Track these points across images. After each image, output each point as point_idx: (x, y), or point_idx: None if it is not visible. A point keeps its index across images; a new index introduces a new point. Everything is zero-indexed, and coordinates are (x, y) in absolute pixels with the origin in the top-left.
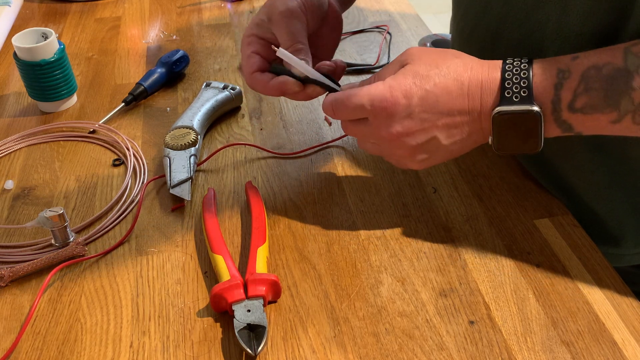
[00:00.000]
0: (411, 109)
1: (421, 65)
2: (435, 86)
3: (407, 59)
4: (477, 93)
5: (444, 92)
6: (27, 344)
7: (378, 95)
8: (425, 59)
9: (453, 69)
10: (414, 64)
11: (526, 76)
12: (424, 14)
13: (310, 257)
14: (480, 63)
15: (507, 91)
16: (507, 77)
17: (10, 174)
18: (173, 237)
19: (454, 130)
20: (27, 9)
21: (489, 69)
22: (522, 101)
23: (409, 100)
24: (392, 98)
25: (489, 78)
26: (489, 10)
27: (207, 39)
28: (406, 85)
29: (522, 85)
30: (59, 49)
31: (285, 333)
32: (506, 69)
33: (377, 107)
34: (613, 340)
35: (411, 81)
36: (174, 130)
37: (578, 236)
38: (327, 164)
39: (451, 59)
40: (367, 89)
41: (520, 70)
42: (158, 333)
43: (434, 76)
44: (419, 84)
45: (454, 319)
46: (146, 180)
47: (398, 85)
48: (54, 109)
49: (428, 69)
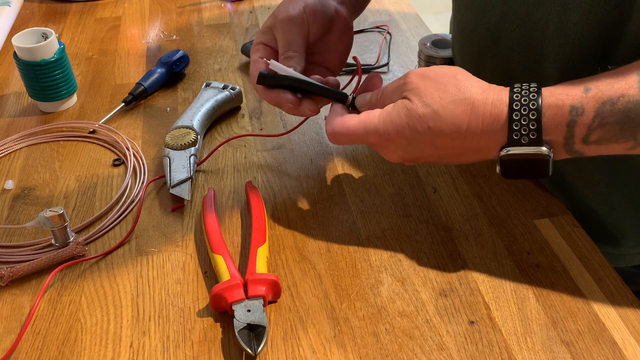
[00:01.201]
0: (404, 144)
1: (417, 104)
2: (428, 129)
3: (407, 91)
4: (477, 134)
5: (438, 135)
6: (27, 344)
7: (372, 129)
8: (424, 95)
9: (450, 110)
10: (412, 100)
11: (535, 117)
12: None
13: (310, 257)
14: (484, 98)
15: (514, 133)
16: (514, 118)
17: (10, 174)
18: (173, 237)
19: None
20: (27, 9)
21: (493, 106)
22: (531, 143)
23: (401, 138)
24: (385, 134)
25: (491, 117)
26: (489, 10)
27: (207, 39)
28: (399, 124)
29: (532, 127)
30: (59, 49)
31: (285, 333)
32: (514, 107)
33: (371, 138)
34: (613, 340)
35: (405, 121)
36: (174, 130)
37: (578, 236)
38: (327, 164)
39: (452, 96)
40: (363, 121)
41: (529, 111)
42: (158, 333)
43: (428, 119)
44: (412, 125)
45: (454, 319)
46: (146, 181)
47: (391, 124)
48: (54, 109)
49: (424, 109)
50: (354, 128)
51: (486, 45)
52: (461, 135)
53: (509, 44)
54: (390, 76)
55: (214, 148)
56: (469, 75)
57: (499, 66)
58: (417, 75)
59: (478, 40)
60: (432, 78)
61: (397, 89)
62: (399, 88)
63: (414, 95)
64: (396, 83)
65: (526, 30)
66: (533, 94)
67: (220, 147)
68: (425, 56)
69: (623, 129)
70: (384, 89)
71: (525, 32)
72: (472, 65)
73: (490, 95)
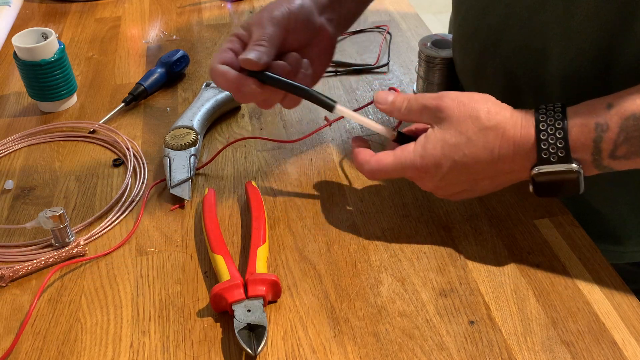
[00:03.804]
0: (442, 175)
1: (451, 132)
2: (464, 156)
3: (442, 118)
4: (509, 154)
5: (474, 162)
6: (27, 344)
7: (408, 164)
8: (458, 123)
9: (483, 136)
10: (447, 129)
11: (562, 136)
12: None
13: (310, 257)
14: (513, 122)
15: (543, 152)
16: (542, 138)
17: (10, 174)
18: (173, 237)
19: (488, 184)
20: (27, 9)
21: (522, 128)
22: (560, 161)
23: (439, 169)
24: (423, 167)
25: (522, 139)
26: (490, 12)
27: (207, 39)
28: (436, 156)
29: (559, 145)
30: (59, 49)
31: (285, 333)
32: (540, 128)
33: (408, 173)
34: (613, 340)
35: (440, 152)
36: (174, 130)
37: (578, 236)
38: (327, 164)
39: (484, 123)
40: (399, 158)
41: (556, 130)
42: (158, 333)
43: (463, 147)
44: (448, 154)
45: (454, 319)
46: (146, 181)
47: (429, 157)
48: (54, 109)
49: (458, 138)
50: (392, 166)
51: (487, 46)
52: (494, 159)
53: (511, 45)
54: (390, 76)
55: (216, 152)
56: (498, 102)
57: (501, 67)
58: (452, 100)
59: (479, 41)
60: (466, 104)
61: (428, 109)
62: (431, 110)
63: (448, 123)
64: (428, 101)
65: (529, 32)
66: (558, 114)
67: (220, 147)
68: (425, 56)
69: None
70: (411, 100)
71: (528, 33)
72: (473, 67)
73: (519, 118)
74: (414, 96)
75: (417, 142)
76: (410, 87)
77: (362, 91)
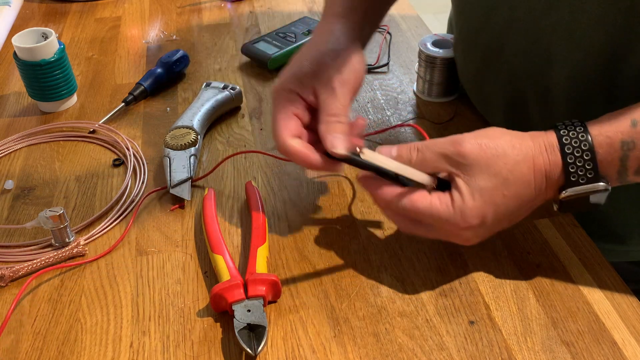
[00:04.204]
0: (487, 225)
1: (484, 177)
2: (505, 197)
3: (467, 165)
4: (543, 183)
5: (515, 200)
6: (27, 344)
7: (450, 221)
8: (489, 166)
9: (518, 171)
10: (475, 174)
11: (590, 158)
12: (424, 14)
13: (310, 257)
14: (539, 149)
15: (572, 175)
16: (569, 161)
17: (10, 174)
18: (173, 237)
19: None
20: (27, 9)
21: (549, 154)
22: (589, 181)
23: (483, 219)
24: (465, 223)
25: (551, 166)
26: (493, 15)
27: (207, 39)
28: (477, 208)
29: (588, 167)
30: (59, 49)
31: (285, 333)
32: (566, 151)
33: (445, 226)
34: (613, 340)
35: (480, 202)
36: (174, 130)
37: (578, 236)
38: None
39: (514, 158)
40: (436, 207)
41: (582, 152)
42: (158, 333)
43: (502, 188)
44: (489, 201)
45: (454, 319)
46: (146, 181)
47: (470, 211)
48: (54, 109)
49: (494, 180)
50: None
51: (491, 49)
52: (532, 190)
53: (514, 49)
54: (390, 76)
55: (220, 161)
56: (514, 132)
57: (504, 71)
58: (472, 144)
59: (482, 44)
60: (489, 145)
61: (447, 157)
62: (451, 158)
63: (476, 168)
64: (444, 148)
65: (533, 36)
66: (581, 134)
67: (220, 147)
68: (426, 56)
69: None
70: (423, 149)
71: (532, 37)
72: (475, 70)
73: (542, 143)
74: (423, 145)
75: (452, 200)
76: (410, 87)
77: (361, 91)
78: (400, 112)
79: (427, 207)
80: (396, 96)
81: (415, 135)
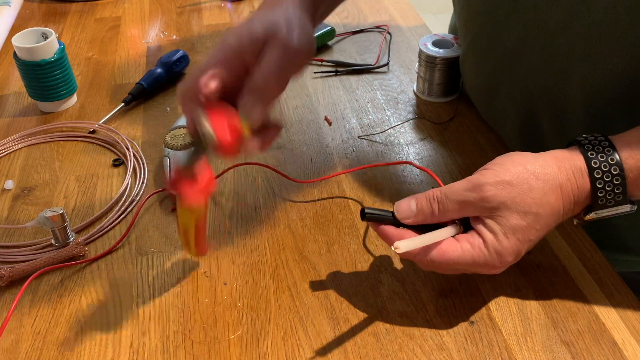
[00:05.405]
0: (519, 257)
1: (516, 217)
2: (538, 231)
3: (495, 209)
4: (571, 208)
5: (545, 230)
6: (27, 344)
7: (488, 263)
8: (517, 204)
9: (547, 203)
10: (505, 215)
11: (620, 182)
12: (424, 14)
13: (310, 257)
14: (566, 176)
15: (600, 200)
16: (599, 186)
17: (10, 174)
18: (173, 237)
19: None
20: (27, 9)
21: (577, 180)
22: (616, 204)
23: (518, 255)
24: (501, 263)
25: (579, 190)
26: (506, 31)
27: (207, 39)
28: (513, 247)
29: (617, 191)
30: (59, 49)
31: (285, 333)
32: (595, 176)
33: (477, 269)
34: (613, 340)
35: (516, 241)
36: (174, 130)
37: (578, 236)
38: (327, 164)
39: (541, 190)
40: (468, 253)
41: (613, 177)
42: (158, 333)
43: (535, 224)
44: (524, 239)
45: (454, 319)
46: (146, 181)
47: (506, 250)
48: (54, 109)
49: (526, 219)
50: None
51: (502, 66)
52: (560, 218)
53: (528, 66)
54: (390, 76)
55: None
56: (530, 156)
57: (517, 88)
58: (494, 185)
59: (493, 60)
60: (512, 183)
61: (470, 204)
62: (474, 204)
63: (505, 210)
64: (465, 196)
65: (548, 54)
66: (611, 157)
67: None
68: (426, 56)
69: None
70: (443, 200)
71: (547, 56)
72: (486, 85)
73: (568, 168)
74: (442, 194)
75: (485, 242)
76: (410, 87)
77: (362, 91)
78: (400, 112)
79: (460, 255)
80: (396, 96)
81: (415, 133)
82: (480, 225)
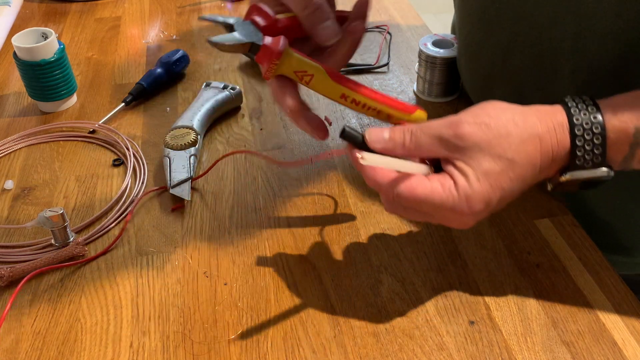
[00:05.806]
0: (487, 209)
1: (488, 160)
2: (511, 180)
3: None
4: (548, 165)
5: (520, 182)
6: (27, 344)
7: (455, 208)
8: (492, 147)
9: (523, 151)
10: (477, 157)
11: (600, 142)
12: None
13: (310, 257)
14: (547, 128)
15: (578, 159)
16: (578, 144)
17: (10, 174)
18: (173, 237)
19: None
20: (27, 9)
21: (557, 134)
22: (594, 166)
23: (488, 204)
24: (470, 210)
25: (559, 147)
26: (497, 29)
27: (207, 39)
28: (483, 192)
29: (596, 152)
30: (59, 49)
31: (285, 333)
32: (576, 132)
33: (449, 214)
34: (613, 340)
35: (487, 186)
36: (174, 130)
37: (578, 236)
38: (327, 163)
39: (518, 137)
40: (437, 193)
41: (593, 135)
42: (158, 333)
43: (508, 170)
44: (495, 184)
45: (454, 319)
46: (146, 181)
47: (476, 196)
48: (54, 109)
49: (499, 163)
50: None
51: (495, 62)
52: (536, 172)
53: (520, 62)
54: (390, 76)
55: (215, 161)
56: (513, 105)
57: (509, 83)
58: (471, 124)
59: (486, 57)
60: (489, 124)
61: (444, 140)
62: (448, 140)
63: (477, 150)
64: (441, 130)
65: (538, 49)
66: (594, 116)
67: (220, 147)
68: (426, 56)
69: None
70: (417, 132)
71: (538, 51)
72: (480, 81)
73: (549, 121)
74: (418, 127)
75: (456, 184)
76: (410, 87)
77: None
78: None
79: (428, 194)
80: (396, 96)
81: None
82: (452, 167)
